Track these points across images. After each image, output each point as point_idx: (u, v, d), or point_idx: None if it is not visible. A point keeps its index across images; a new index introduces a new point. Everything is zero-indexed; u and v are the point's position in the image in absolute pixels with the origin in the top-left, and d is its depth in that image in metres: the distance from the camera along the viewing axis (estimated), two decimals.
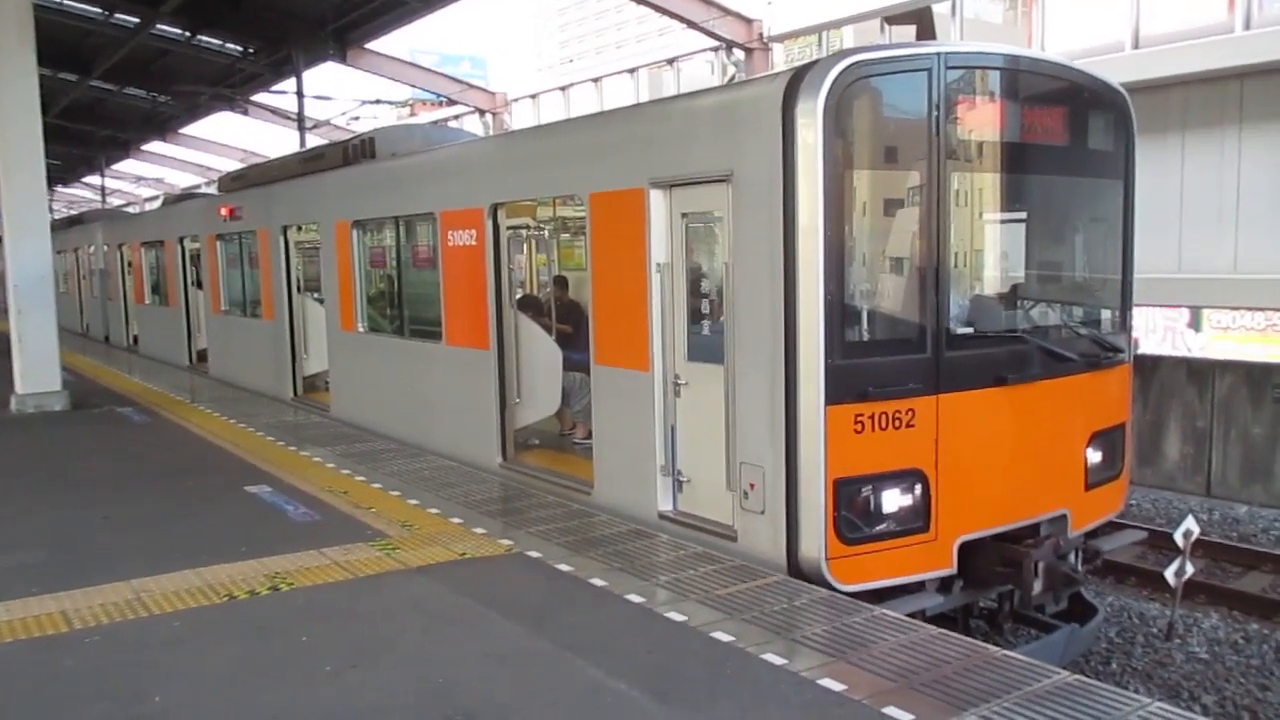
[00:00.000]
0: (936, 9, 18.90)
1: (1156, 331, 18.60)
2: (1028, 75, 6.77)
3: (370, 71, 26.16)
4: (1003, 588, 6.75)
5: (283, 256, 13.34)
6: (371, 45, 25.27)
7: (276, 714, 4.36)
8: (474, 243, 9.02)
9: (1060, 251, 7.56)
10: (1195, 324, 18.30)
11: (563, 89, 28.07)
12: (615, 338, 7.46)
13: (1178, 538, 7.46)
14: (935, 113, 6.07)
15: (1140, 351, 15.06)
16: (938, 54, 6.11)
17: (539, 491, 8.13)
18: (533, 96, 28.78)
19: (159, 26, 23.40)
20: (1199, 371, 12.58)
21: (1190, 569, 7.46)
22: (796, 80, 5.89)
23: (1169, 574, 7.41)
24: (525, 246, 12.49)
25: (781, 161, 5.87)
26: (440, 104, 30.29)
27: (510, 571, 6.20)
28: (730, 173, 6.29)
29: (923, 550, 6.11)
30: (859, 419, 5.88)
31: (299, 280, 13.52)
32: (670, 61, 24.76)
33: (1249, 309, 16.73)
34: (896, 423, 5.97)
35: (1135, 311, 7.65)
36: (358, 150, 11.91)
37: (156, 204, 35.59)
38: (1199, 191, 15.38)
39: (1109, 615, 8.60)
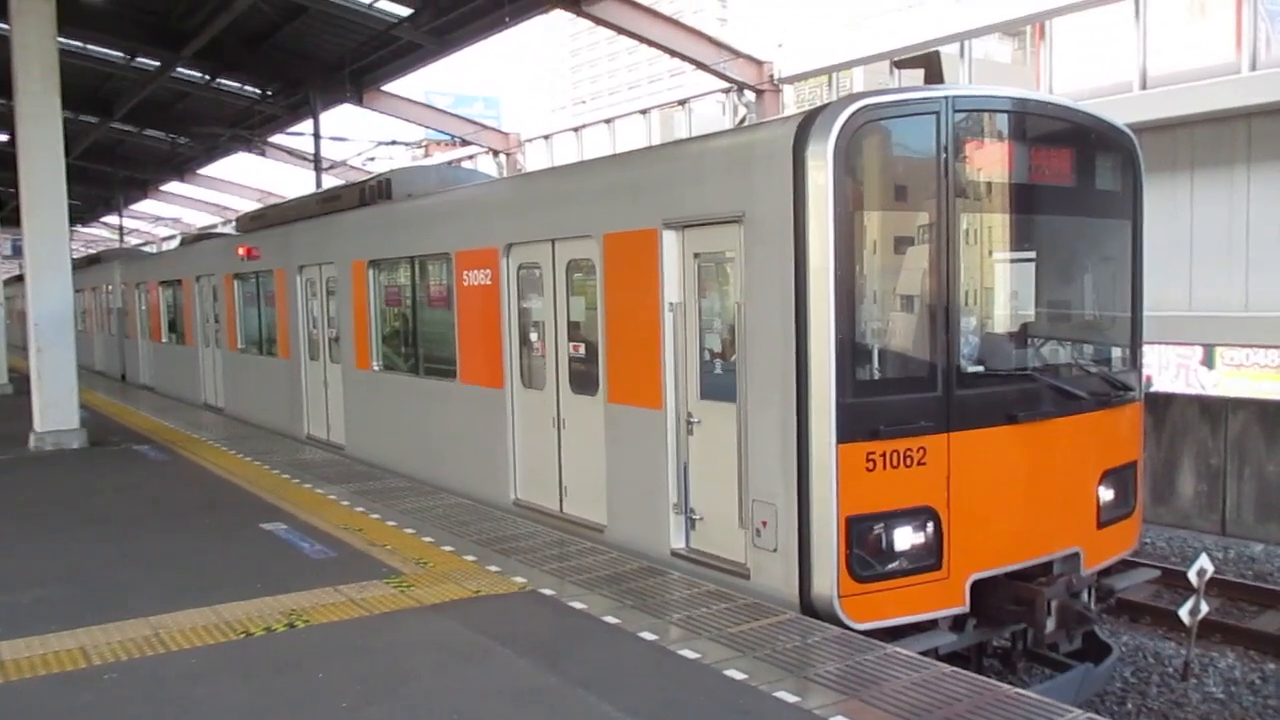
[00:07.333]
0: (946, 50, 19.09)
1: (1169, 369, 18.58)
2: (1035, 117, 6.86)
3: (386, 113, 26.53)
4: (1016, 626, 6.75)
5: (299, 296, 13.49)
6: (387, 87, 25.65)
7: None
8: (489, 282, 9.13)
9: (1070, 290, 7.61)
10: (1208, 361, 18.29)
11: (575, 130, 28.32)
12: (628, 376, 7.53)
13: (1192, 576, 7.44)
14: (944, 154, 6.16)
15: (1153, 389, 15.05)
16: (946, 97, 6.22)
17: (552, 529, 8.17)
18: (546, 137, 29.05)
19: (179, 70, 23.82)
20: (1212, 409, 12.56)
21: (1205, 608, 7.44)
22: (807, 123, 5.99)
23: (1184, 613, 7.39)
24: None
25: (793, 202, 5.96)
26: (454, 144, 30.62)
27: (523, 609, 6.23)
28: (742, 214, 6.38)
29: (935, 588, 6.12)
30: (871, 457, 5.92)
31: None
32: (682, 103, 25.00)
33: (1262, 346, 16.71)
34: (908, 461, 6.00)
35: (1148, 349, 7.67)
36: (374, 191, 12.08)
37: (174, 243, 36.01)
38: (1209, 230, 15.39)
39: (1124, 654, 8.54)
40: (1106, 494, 7.05)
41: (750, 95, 21.39)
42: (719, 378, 6.85)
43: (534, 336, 8.86)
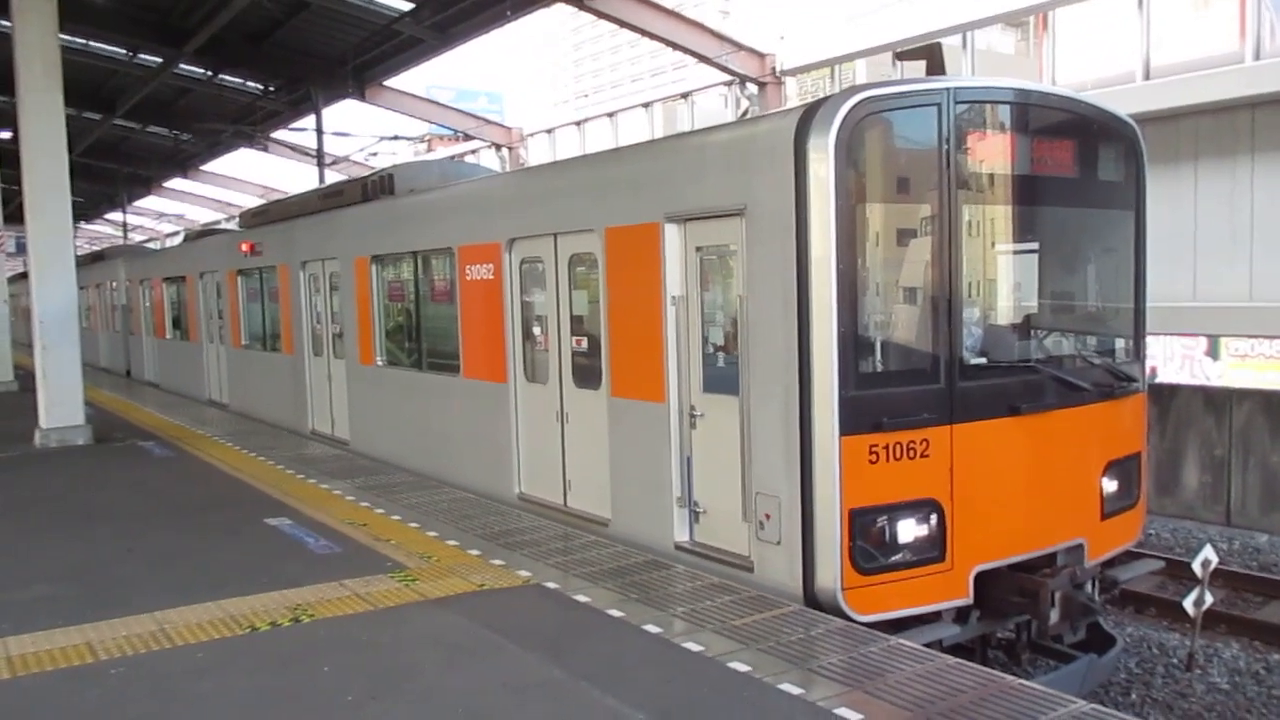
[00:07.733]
0: (949, 41, 19.05)
1: (1174, 360, 18.55)
2: (1037, 109, 6.85)
3: (388, 108, 26.53)
4: (1020, 618, 6.75)
5: (303, 291, 13.51)
6: (389, 82, 25.63)
7: None
8: (491, 276, 9.14)
9: (1073, 281, 7.60)
10: (1213, 352, 18.25)
11: (578, 124, 28.33)
12: (631, 370, 7.54)
13: (1196, 567, 7.44)
14: (945, 146, 6.15)
15: (1158, 380, 15.04)
16: (947, 89, 6.20)
17: (556, 523, 8.19)
18: (548, 131, 29.05)
19: (181, 66, 23.82)
20: (1216, 399, 12.54)
21: (1209, 599, 7.44)
22: (809, 116, 5.98)
23: (1188, 604, 7.39)
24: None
25: (794, 195, 5.96)
26: (457, 139, 30.64)
27: (528, 602, 6.24)
28: (744, 206, 6.38)
29: (939, 580, 6.12)
30: (874, 449, 5.92)
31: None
32: (684, 96, 24.98)
33: (1267, 337, 16.68)
34: (911, 453, 6.01)
35: (1152, 340, 7.66)
36: (376, 186, 12.08)
37: (177, 240, 36.07)
38: (1212, 220, 15.39)
39: (1128, 645, 8.55)
40: (1110, 485, 7.04)
41: (752, 88, 21.39)
42: (722, 371, 6.86)
43: (537, 331, 8.88)
